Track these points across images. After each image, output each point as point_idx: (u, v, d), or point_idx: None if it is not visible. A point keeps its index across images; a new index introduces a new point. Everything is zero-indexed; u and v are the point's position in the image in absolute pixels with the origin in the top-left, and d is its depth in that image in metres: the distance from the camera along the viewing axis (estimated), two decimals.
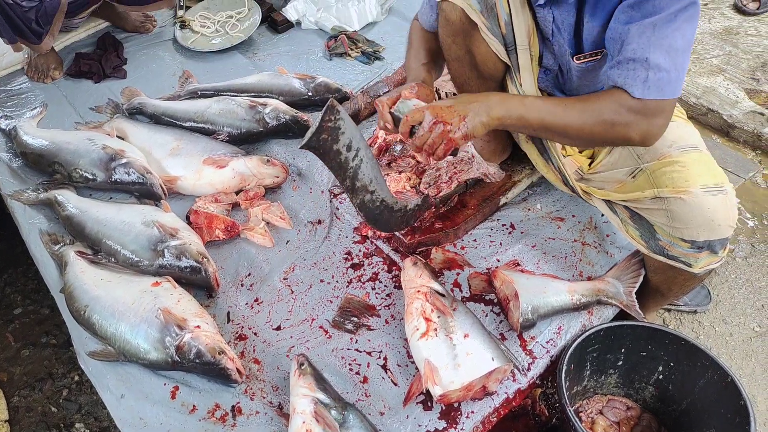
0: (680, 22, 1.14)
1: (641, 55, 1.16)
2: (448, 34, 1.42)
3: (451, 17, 1.38)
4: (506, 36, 1.40)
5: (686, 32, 1.16)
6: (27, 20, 2.16)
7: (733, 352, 1.81)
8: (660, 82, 1.17)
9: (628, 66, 1.18)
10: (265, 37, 2.57)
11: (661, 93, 1.18)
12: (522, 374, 1.45)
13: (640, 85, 1.18)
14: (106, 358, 1.48)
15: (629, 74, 1.18)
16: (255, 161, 1.88)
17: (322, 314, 1.60)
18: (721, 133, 2.47)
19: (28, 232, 1.83)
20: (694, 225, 1.28)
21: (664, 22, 1.14)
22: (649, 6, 1.14)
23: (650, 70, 1.16)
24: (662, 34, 1.15)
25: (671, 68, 1.16)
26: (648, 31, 1.15)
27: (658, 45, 1.15)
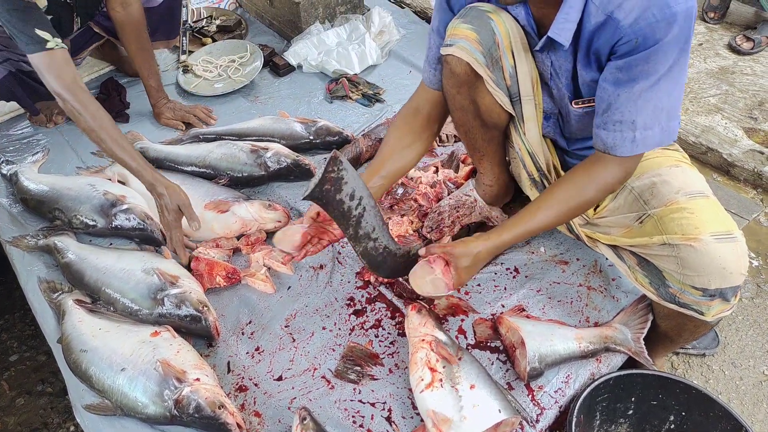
0: (666, 85, 1.19)
1: (628, 117, 1.23)
2: (453, 86, 1.43)
3: (456, 70, 1.39)
4: (511, 87, 1.41)
5: (672, 91, 1.21)
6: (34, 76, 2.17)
7: (743, 397, 1.77)
8: (646, 139, 1.25)
9: (615, 128, 1.25)
10: (266, 81, 2.60)
11: (647, 147, 1.27)
12: (531, 426, 1.41)
13: (628, 146, 1.25)
14: (103, 412, 1.45)
15: (617, 135, 1.25)
16: (257, 206, 1.87)
17: (324, 363, 1.57)
18: (721, 171, 2.47)
19: (27, 279, 1.81)
20: (705, 273, 1.27)
21: (650, 87, 1.19)
22: (636, 71, 1.18)
23: (637, 131, 1.23)
24: (649, 97, 1.20)
25: (655, 125, 1.23)
26: (634, 97, 1.21)
27: (643, 108, 1.21)
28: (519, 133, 1.48)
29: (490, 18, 1.34)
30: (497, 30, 1.34)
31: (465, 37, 1.35)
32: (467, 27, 1.35)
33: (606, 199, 1.49)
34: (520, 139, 1.50)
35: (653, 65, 1.16)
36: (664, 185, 1.36)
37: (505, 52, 1.36)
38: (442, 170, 2.01)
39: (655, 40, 1.12)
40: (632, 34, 1.13)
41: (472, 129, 1.52)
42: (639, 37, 1.13)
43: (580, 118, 1.41)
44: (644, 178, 1.40)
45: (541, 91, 1.44)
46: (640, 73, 1.17)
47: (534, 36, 1.33)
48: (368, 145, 2.12)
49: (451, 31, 1.38)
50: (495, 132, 1.53)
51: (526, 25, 1.33)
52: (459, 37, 1.36)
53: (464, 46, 1.35)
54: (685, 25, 1.11)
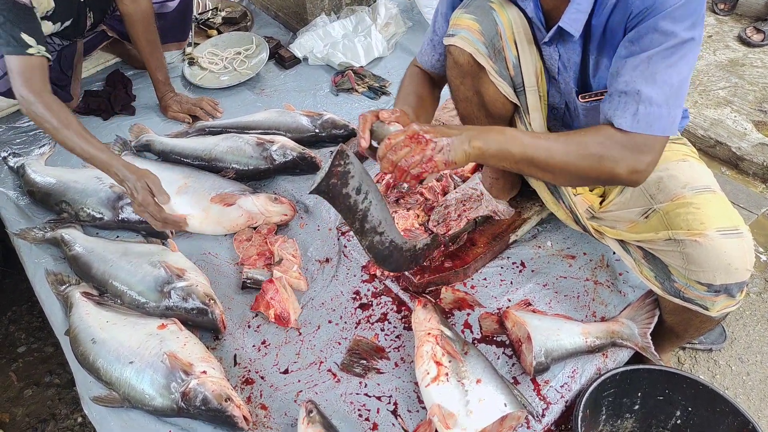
0: (676, 59, 1.12)
1: (633, 87, 1.14)
2: (456, 76, 1.42)
3: (459, 60, 1.38)
4: (514, 78, 1.40)
5: (682, 70, 1.14)
6: (56, 78, 2.17)
7: (750, 393, 1.77)
8: (650, 116, 1.14)
9: (620, 99, 1.17)
10: (272, 74, 2.59)
11: (650, 128, 1.15)
12: (537, 420, 1.41)
13: (629, 118, 1.15)
14: (111, 404, 1.45)
15: (619, 106, 1.16)
16: (262, 199, 1.87)
17: (330, 357, 1.57)
18: (729, 165, 2.45)
19: (34, 271, 1.82)
20: (710, 268, 1.26)
21: (660, 57, 1.12)
22: (646, 40, 1.13)
23: (641, 104, 1.14)
24: (656, 68, 1.13)
25: (663, 104, 1.14)
26: (642, 64, 1.13)
27: (651, 78, 1.13)
28: (524, 123, 1.47)
29: (492, 8, 1.34)
30: (499, 20, 1.33)
31: (467, 27, 1.35)
32: (470, 17, 1.35)
33: (612, 192, 1.48)
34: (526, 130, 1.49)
35: (663, 34, 1.11)
36: (670, 180, 1.34)
37: (508, 42, 1.35)
38: None
39: (662, 6, 1.10)
40: (641, 4, 1.12)
41: (477, 120, 1.51)
42: (647, 6, 1.11)
43: (588, 111, 1.39)
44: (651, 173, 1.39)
45: (549, 85, 1.43)
46: (649, 42, 1.13)
47: (542, 29, 1.32)
48: None
49: (453, 21, 1.38)
50: (500, 123, 1.52)
51: (534, 18, 1.31)
52: (461, 27, 1.35)
53: (466, 36, 1.34)
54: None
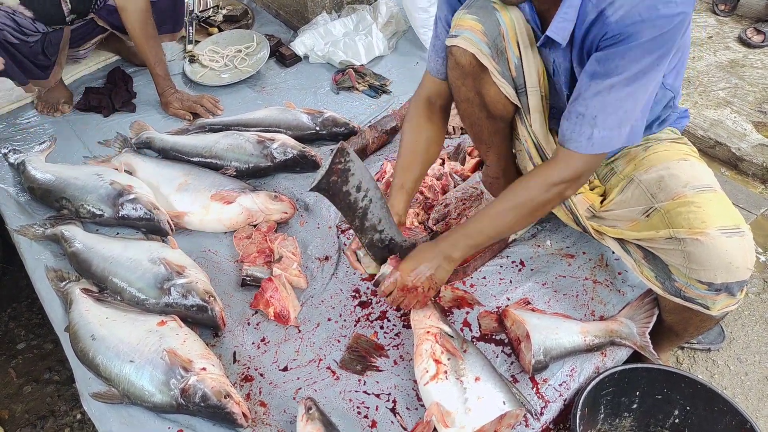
0: (636, 86, 1.19)
1: (591, 112, 1.23)
2: (458, 77, 1.42)
3: (461, 61, 1.38)
4: (516, 79, 1.40)
5: (639, 97, 1.21)
6: (33, 55, 2.18)
7: (749, 392, 1.77)
8: (603, 140, 1.24)
9: (577, 120, 1.25)
10: (273, 71, 2.59)
11: (602, 149, 1.26)
12: (535, 419, 1.41)
13: (584, 142, 1.25)
14: (110, 400, 1.46)
15: (575, 129, 1.25)
16: (263, 197, 1.87)
17: (329, 354, 1.57)
18: (729, 165, 2.46)
19: (34, 267, 1.82)
20: (711, 267, 1.26)
21: (622, 85, 1.19)
22: (611, 65, 1.18)
23: (596, 128, 1.23)
24: (616, 96, 1.20)
25: (616, 127, 1.23)
26: (604, 90, 1.20)
27: (609, 106, 1.21)
28: (525, 124, 1.47)
29: (495, 9, 1.34)
30: (502, 21, 1.34)
31: (470, 28, 1.34)
32: (472, 18, 1.35)
33: (613, 192, 1.48)
34: (527, 131, 1.50)
35: (628, 62, 1.16)
36: (671, 179, 1.35)
37: (510, 43, 1.35)
38: (448, 162, 2.00)
39: (635, 37, 1.13)
40: (616, 29, 1.14)
41: (478, 121, 1.51)
42: (621, 32, 1.14)
43: None
44: (652, 172, 1.39)
45: (548, 85, 1.43)
46: (614, 68, 1.17)
47: (538, 32, 1.33)
48: (374, 136, 2.11)
49: (456, 22, 1.38)
50: (501, 124, 1.52)
51: (530, 20, 1.32)
52: (464, 28, 1.35)
53: (469, 37, 1.34)
54: (668, 31, 1.12)
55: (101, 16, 2.26)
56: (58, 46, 2.24)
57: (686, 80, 2.74)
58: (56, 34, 2.20)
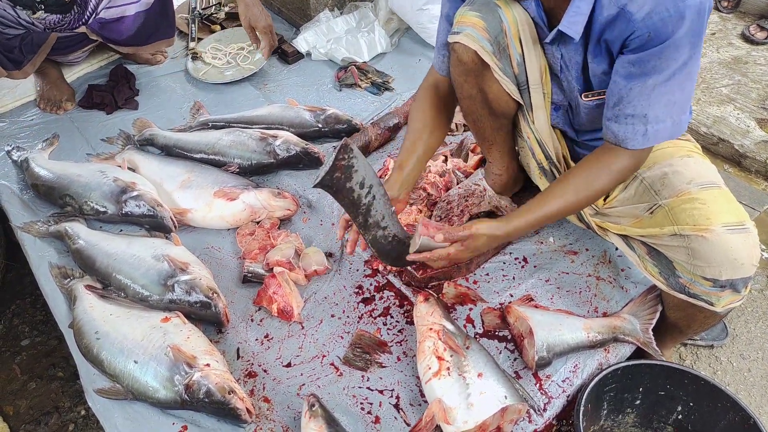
0: (679, 79, 1.18)
1: (640, 111, 1.22)
2: (460, 74, 1.42)
3: (463, 58, 1.38)
4: (518, 76, 1.40)
5: (685, 86, 1.20)
6: (7, 48, 2.15)
7: (752, 389, 1.77)
8: (657, 132, 1.24)
9: (627, 121, 1.24)
10: (275, 69, 2.59)
11: (657, 140, 1.26)
12: (538, 415, 1.41)
13: (639, 139, 1.25)
14: (114, 396, 1.46)
15: (628, 129, 1.25)
16: (266, 194, 1.87)
17: (333, 351, 1.58)
18: (732, 162, 2.46)
19: (38, 264, 1.82)
20: (716, 264, 1.26)
21: (663, 82, 1.18)
22: (649, 66, 1.16)
23: (648, 124, 1.23)
24: (661, 92, 1.19)
25: (667, 118, 1.22)
26: (647, 91, 1.20)
27: (656, 102, 1.20)
28: (528, 121, 1.47)
29: (497, 6, 1.33)
30: (505, 18, 1.33)
31: (472, 24, 1.34)
32: (474, 14, 1.34)
33: (616, 189, 1.48)
34: (529, 128, 1.50)
35: (666, 60, 1.14)
36: (675, 176, 1.35)
37: (513, 40, 1.35)
38: (451, 159, 2.00)
39: (667, 34, 1.11)
40: (644, 28, 1.12)
41: (481, 118, 1.51)
42: (651, 32, 1.12)
43: (590, 110, 1.40)
44: (655, 169, 1.39)
45: (551, 82, 1.43)
46: (652, 68, 1.16)
47: (544, 28, 1.32)
48: (377, 133, 2.11)
49: (458, 19, 1.37)
50: (503, 121, 1.52)
51: (536, 17, 1.31)
52: (466, 24, 1.35)
53: (471, 33, 1.34)
54: (698, 19, 1.10)
55: (93, 29, 2.23)
56: (38, 47, 2.22)
57: None
58: (40, 35, 2.17)
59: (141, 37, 2.36)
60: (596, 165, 1.33)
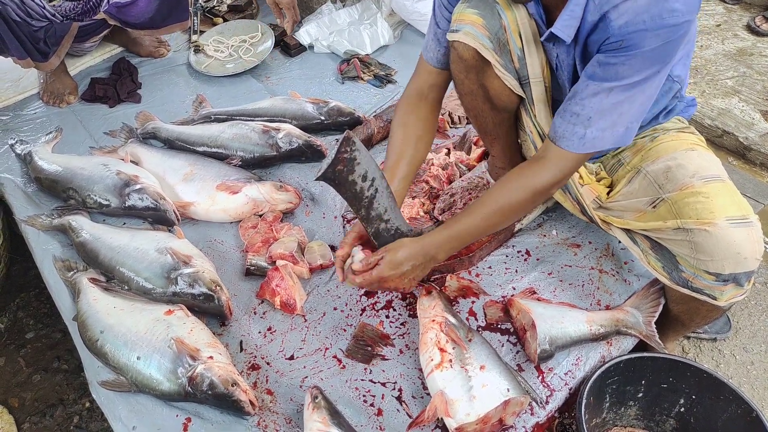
0: (635, 92, 1.18)
1: (586, 112, 1.21)
2: (461, 71, 1.42)
3: (463, 55, 1.37)
4: (519, 70, 1.39)
5: (637, 101, 1.20)
6: (35, 39, 2.17)
7: (755, 382, 1.77)
8: (595, 140, 1.23)
9: (570, 119, 1.24)
10: (278, 61, 2.58)
11: (593, 148, 1.25)
12: (540, 407, 1.42)
13: (576, 142, 1.24)
14: (118, 389, 1.47)
15: (568, 127, 1.24)
16: (268, 187, 1.87)
17: (335, 343, 1.58)
18: (736, 155, 2.44)
19: (42, 258, 1.83)
20: (719, 258, 1.26)
21: (620, 90, 1.18)
22: (611, 70, 1.16)
23: (589, 129, 1.22)
24: (613, 100, 1.19)
25: (608, 128, 1.22)
26: (602, 93, 1.19)
27: (605, 109, 1.20)
28: (530, 115, 1.47)
29: (496, 1, 1.33)
30: (503, 13, 1.33)
31: (471, 22, 1.34)
32: (473, 12, 1.34)
33: (620, 183, 1.47)
34: (531, 122, 1.49)
35: (629, 69, 1.14)
36: (679, 169, 1.34)
37: (513, 35, 1.34)
38: (454, 152, 2.00)
39: (638, 46, 1.11)
40: (618, 35, 1.12)
41: (482, 113, 1.51)
42: (624, 40, 1.12)
43: None
44: (659, 162, 1.38)
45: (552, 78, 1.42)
46: (614, 73, 1.16)
47: (543, 26, 1.31)
48: (380, 126, 2.11)
49: (456, 17, 1.37)
50: (505, 115, 1.51)
51: (534, 14, 1.31)
52: (465, 22, 1.34)
53: (470, 31, 1.34)
54: (673, 41, 1.10)
55: (110, 13, 2.25)
56: (61, 38, 2.24)
57: (694, 69, 2.71)
58: (62, 26, 2.20)
59: (156, 20, 2.35)
60: (516, 179, 1.32)
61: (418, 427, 1.38)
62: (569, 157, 1.27)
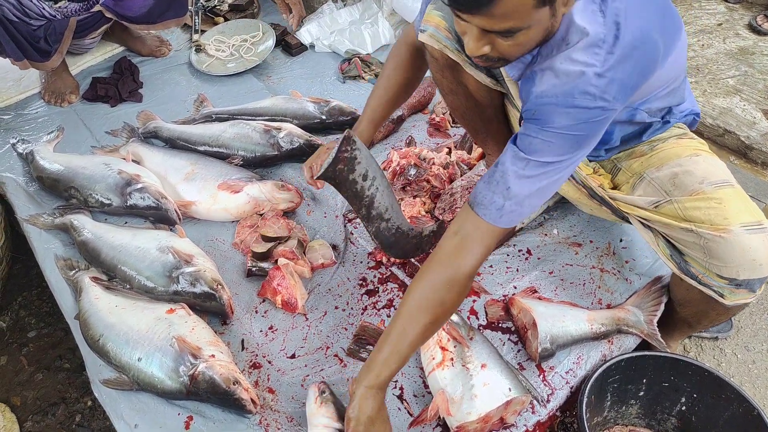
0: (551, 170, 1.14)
1: (505, 181, 1.16)
2: (437, 70, 1.42)
3: (434, 54, 1.38)
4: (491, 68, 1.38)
5: (553, 179, 1.15)
6: (34, 38, 2.17)
7: (756, 381, 1.77)
8: (512, 214, 1.18)
9: (493, 188, 1.17)
10: (279, 61, 2.59)
11: (509, 224, 1.19)
12: (542, 406, 1.42)
13: (493, 213, 1.17)
14: (120, 387, 1.47)
15: (487, 195, 1.17)
16: (269, 186, 1.88)
17: (337, 342, 1.58)
18: (738, 154, 2.44)
19: (44, 256, 1.83)
20: (734, 264, 1.23)
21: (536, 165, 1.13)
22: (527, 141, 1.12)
23: (507, 200, 1.16)
24: (531, 173, 1.14)
25: (525, 202, 1.17)
26: (521, 162, 1.14)
27: (523, 182, 1.15)
28: (515, 107, 1.46)
29: None
30: None
31: (435, 25, 1.34)
32: (438, 14, 1.34)
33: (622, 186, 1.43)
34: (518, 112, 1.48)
35: (544, 147, 1.11)
36: (686, 175, 1.30)
37: None
38: (455, 151, 2.00)
39: (548, 122, 1.09)
40: (533, 104, 1.11)
41: (468, 111, 1.50)
42: (536, 111, 1.10)
43: None
44: (664, 169, 1.34)
45: None
46: (529, 145, 1.13)
47: None
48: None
49: (425, 18, 1.36)
50: (490, 111, 1.50)
51: None
52: (430, 24, 1.34)
53: (434, 34, 1.34)
54: (584, 124, 1.08)
55: (107, 5, 2.25)
56: (62, 35, 2.24)
57: (695, 68, 2.71)
58: (61, 22, 2.20)
59: (153, 14, 2.36)
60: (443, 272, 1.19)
61: (419, 425, 1.38)
62: (489, 230, 1.19)
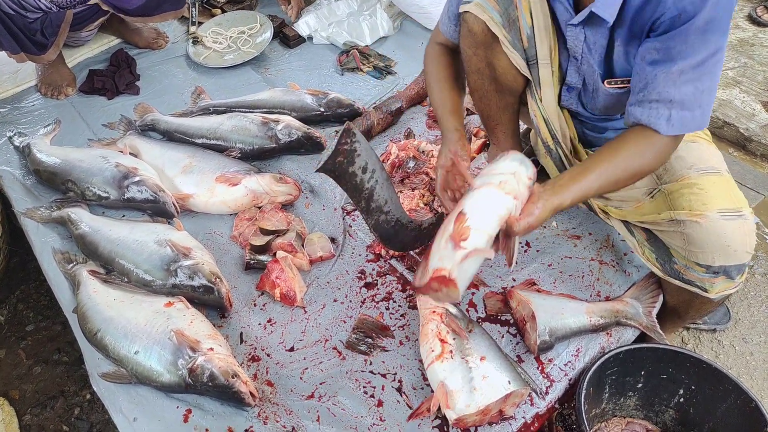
0: (709, 67, 1.13)
1: (665, 96, 1.16)
2: (470, 46, 1.41)
3: (473, 29, 1.36)
4: (528, 50, 1.38)
5: (714, 75, 1.15)
6: (31, 31, 2.16)
7: (754, 372, 1.78)
8: (683, 119, 1.18)
9: (651, 105, 1.19)
10: (277, 53, 2.57)
11: (683, 129, 1.19)
12: (540, 398, 1.42)
13: (663, 124, 1.18)
14: (119, 380, 1.47)
15: (652, 113, 1.19)
16: (267, 179, 1.87)
17: (335, 335, 1.58)
18: (737, 146, 2.44)
19: (41, 250, 1.83)
20: (709, 250, 1.25)
21: (691, 68, 1.13)
22: (674, 51, 1.12)
23: (673, 109, 1.17)
24: (688, 78, 1.14)
25: (696, 107, 1.17)
26: (674, 75, 1.15)
27: (683, 87, 1.15)
28: (535, 98, 1.45)
29: None
30: None
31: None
32: None
33: None
34: (537, 106, 1.48)
35: (692, 47, 1.11)
36: (677, 160, 1.33)
37: (524, 12, 1.33)
38: None
39: (696, 18, 1.08)
40: (675, 9, 1.09)
41: (487, 94, 1.50)
42: (681, 12, 1.09)
43: (611, 97, 1.36)
44: None
45: (567, 63, 1.38)
46: (678, 54, 1.12)
47: (570, 9, 1.26)
48: (379, 117, 2.10)
49: None
50: (510, 98, 1.50)
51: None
52: None
53: (481, 3, 1.33)
54: (728, 4, 1.07)
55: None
56: (58, 28, 2.23)
57: None
58: (57, 15, 2.19)
59: (150, 6, 2.34)
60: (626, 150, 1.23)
61: (418, 418, 1.39)
62: (661, 140, 1.20)
